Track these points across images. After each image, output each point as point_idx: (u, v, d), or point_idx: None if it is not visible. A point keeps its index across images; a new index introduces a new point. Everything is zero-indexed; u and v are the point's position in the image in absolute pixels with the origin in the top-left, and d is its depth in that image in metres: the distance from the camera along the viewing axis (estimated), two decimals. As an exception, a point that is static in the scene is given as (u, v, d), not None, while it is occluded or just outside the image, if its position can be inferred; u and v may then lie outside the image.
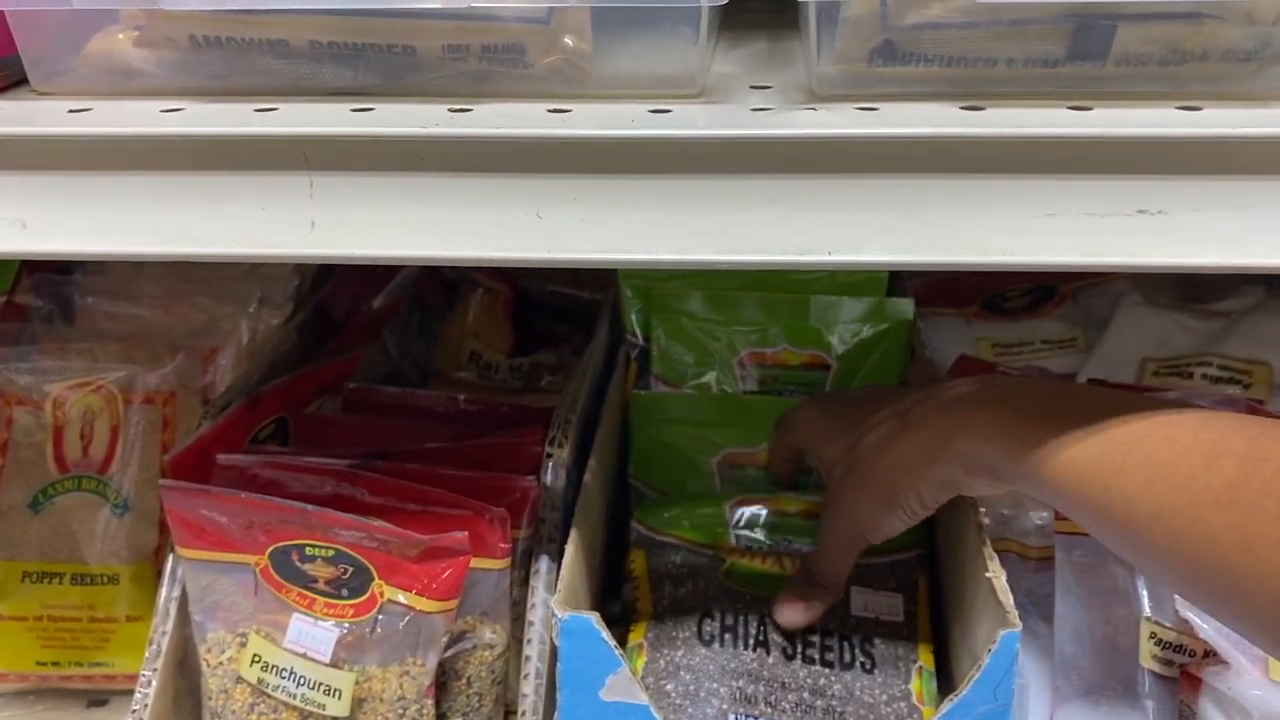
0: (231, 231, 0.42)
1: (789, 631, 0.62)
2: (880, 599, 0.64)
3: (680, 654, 0.61)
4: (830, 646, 0.62)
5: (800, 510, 0.66)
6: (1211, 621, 0.56)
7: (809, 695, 0.60)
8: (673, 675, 0.61)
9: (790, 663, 0.61)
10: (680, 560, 0.65)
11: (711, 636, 0.61)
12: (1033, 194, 0.39)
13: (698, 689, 0.60)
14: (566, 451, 0.63)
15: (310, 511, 0.56)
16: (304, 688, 0.57)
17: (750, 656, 0.61)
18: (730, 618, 0.62)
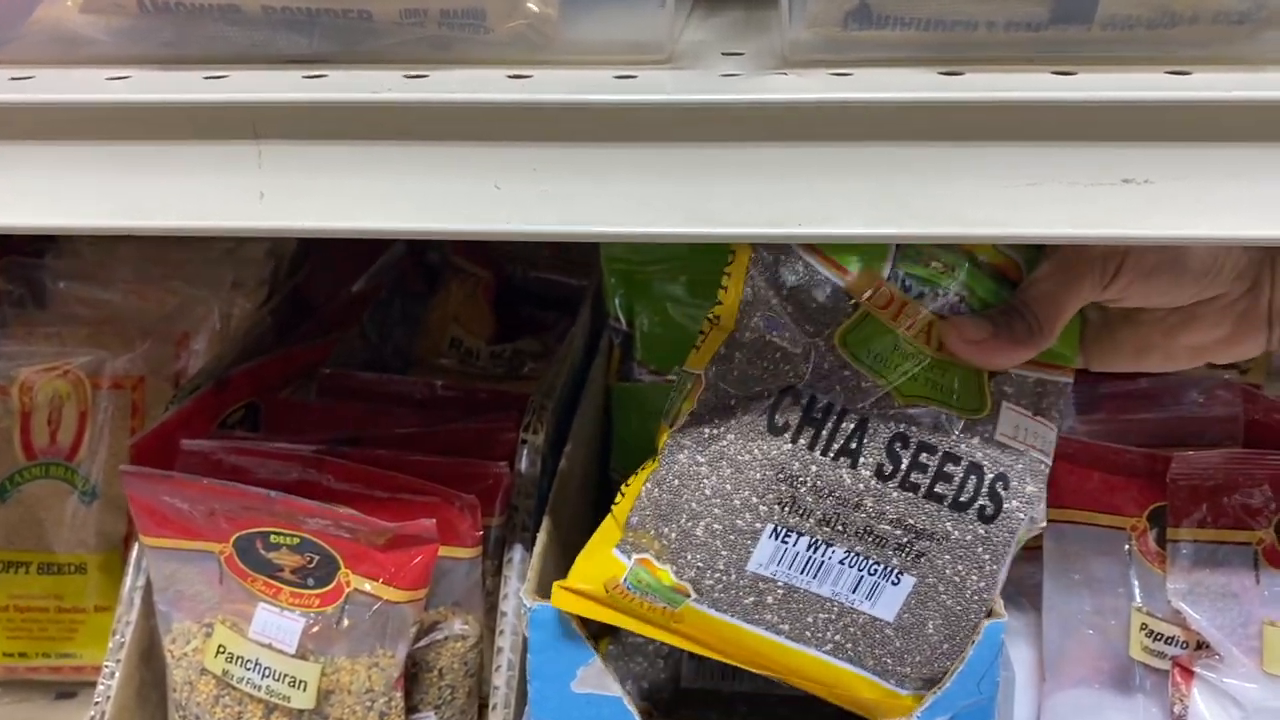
0: (178, 203, 0.40)
1: (900, 441, 0.48)
2: (1035, 427, 0.50)
3: (738, 426, 0.48)
4: (949, 476, 0.48)
5: (991, 260, 0.49)
6: (1205, 612, 0.54)
7: (888, 525, 0.48)
8: (714, 461, 0.48)
9: (883, 483, 0.48)
10: (796, 283, 0.48)
11: (787, 423, 0.48)
12: (1014, 162, 0.37)
13: (735, 490, 0.49)
14: (542, 438, 0.61)
15: (274, 498, 0.54)
16: (269, 679, 0.55)
17: (825, 460, 0.48)
18: (820, 407, 0.48)
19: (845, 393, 0.49)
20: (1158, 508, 0.55)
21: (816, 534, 0.49)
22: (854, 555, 0.49)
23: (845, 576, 0.49)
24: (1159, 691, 0.55)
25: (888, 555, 0.49)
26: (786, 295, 0.48)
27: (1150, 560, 0.55)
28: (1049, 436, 0.50)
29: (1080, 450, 0.56)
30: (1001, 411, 0.49)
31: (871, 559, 0.49)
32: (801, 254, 0.47)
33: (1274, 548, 0.54)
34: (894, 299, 0.48)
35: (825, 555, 0.49)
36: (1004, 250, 0.49)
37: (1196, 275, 0.45)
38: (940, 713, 0.50)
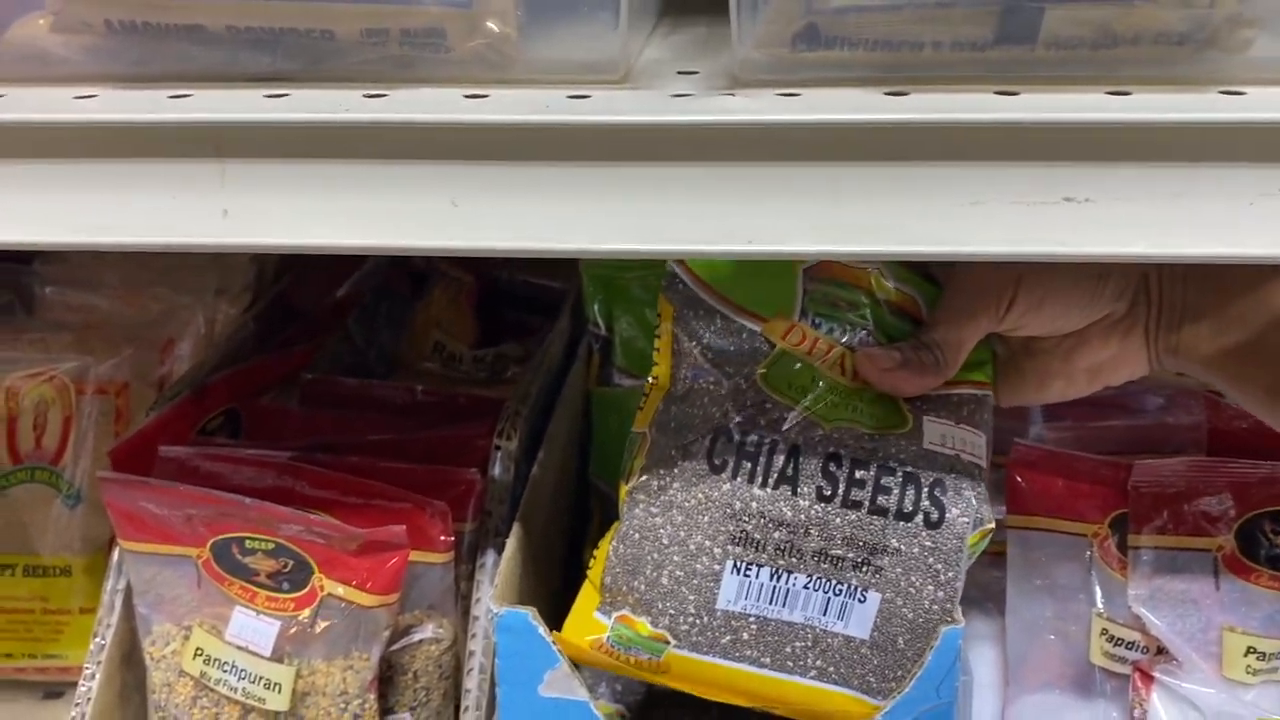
0: (143, 221, 0.41)
1: (834, 461, 0.50)
2: (962, 434, 0.51)
3: (682, 473, 0.51)
4: (887, 488, 0.49)
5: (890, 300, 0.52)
6: (1165, 618, 0.55)
7: (840, 546, 0.49)
8: (665, 510, 0.51)
9: (825, 505, 0.50)
10: (715, 335, 0.51)
11: (725, 461, 0.50)
12: (957, 182, 0.38)
13: (688, 535, 0.50)
14: (515, 444, 0.62)
15: (248, 504, 0.55)
16: (245, 681, 0.56)
17: (768, 492, 0.50)
18: (754, 442, 0.50)
19: (772, 425, 0.51)
20: (1119, 514, 0.56)
21: (776, 563, 0.50)
22: (816, 579, 0.50)
23: (813, 600, 0.50)
24: (1120, 696, 0.56)
25: (848, 575, 0.50)
26: (707, 345, 0.51)
27: (1112, 566, 0.56)
28: (978, 441, 0.51)
29: (1043, 458, 0.57)
30: (924, 424, 0.51)
31: (834, 580, 0.50)
32: (719, 307, 0.51)
33: (1234, 555, 0.55)
34: (806, 336, 0.51)
35: (789, 583, 0.50)
36: (903, 289, 0.52)
37: (1083, 299, 0.48)
38: (900, 717, 0.50)
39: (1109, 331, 0.49)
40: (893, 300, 0.52)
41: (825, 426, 0.51)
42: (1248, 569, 0.55)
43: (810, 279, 0.52)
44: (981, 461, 0.51)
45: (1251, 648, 0.54)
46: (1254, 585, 0.55)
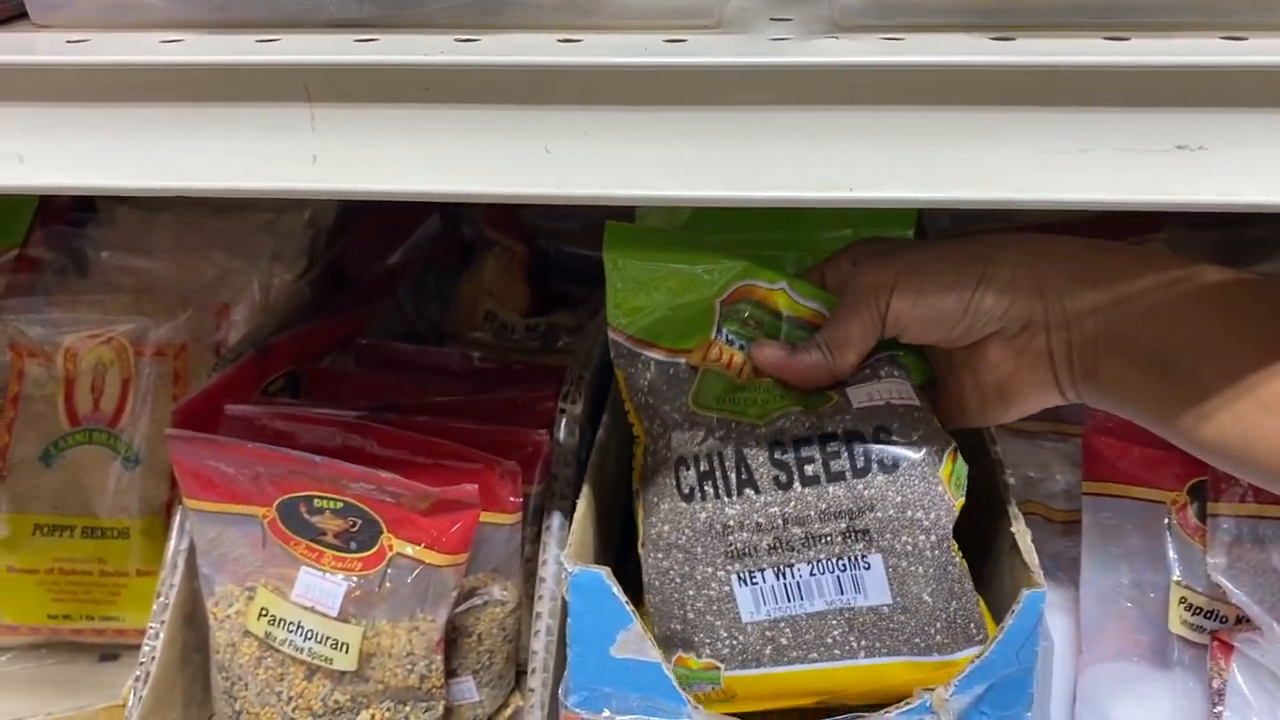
0: (231, 165, 0.40)
1: (778, 448, 0.52)
2: (886, 385, 0.53)
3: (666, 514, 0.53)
4: (834, 453, 0.51)
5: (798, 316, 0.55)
6: (1245, 587, 0.54)
7: (820, 523, 0.51)
8: (666, 552, 0.53)
9: (787, 493, 0.52)
10: (650, 380, 0.55)
11: (691, 489, 0.53)
12: (1064, 128, 0.37)
13: (692, 568, 0.53)
14: (580, 407, 0.62)
15: (318, 463, 0.55)
16: (311, 641, 0.56)
17: (734, 503, 0.52)
18: (705, 461, 0.53)
19: (716, 439, 0.53)
20: (1198, 482, 0.55)
21: (773, 563, 0.52)
22: (816, 563, 0.51)
23: (825, 584, 0.52)
24: (1197, 665, 0.55)
25: (841, 548, 0.51)
26: (649, 388, 0.55)
27: (1190, 535, 0.55)
28: (904, 388, 0.53)
29: (1120, 425, 0.56)
30: (848, 392, 0.53)
31: (831, 559, 0.51)
32: (652, 355, 0.55)
33: (1315, 523, 0.54)
34: (723, 353, 0.55)
35: (794, 577, 0.52)
36: (810, 305, 0.55)
37: (955, 306, 0.49)
38: (978, 681, 0.50)
39: (1004, 348, 0.50)
40: (801, 316, 0.55)
41: (760, 424, 0.53)
42: (1330, 538, 0.54)
43: (724, 305, 0.55)
44: (914, 402, 0.52)
45: (1334, 617, 0.53)
46: (1336, 553, 0.54)
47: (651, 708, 0.53)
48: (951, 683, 0.50)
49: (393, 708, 0.57)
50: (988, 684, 0.50)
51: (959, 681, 0.50)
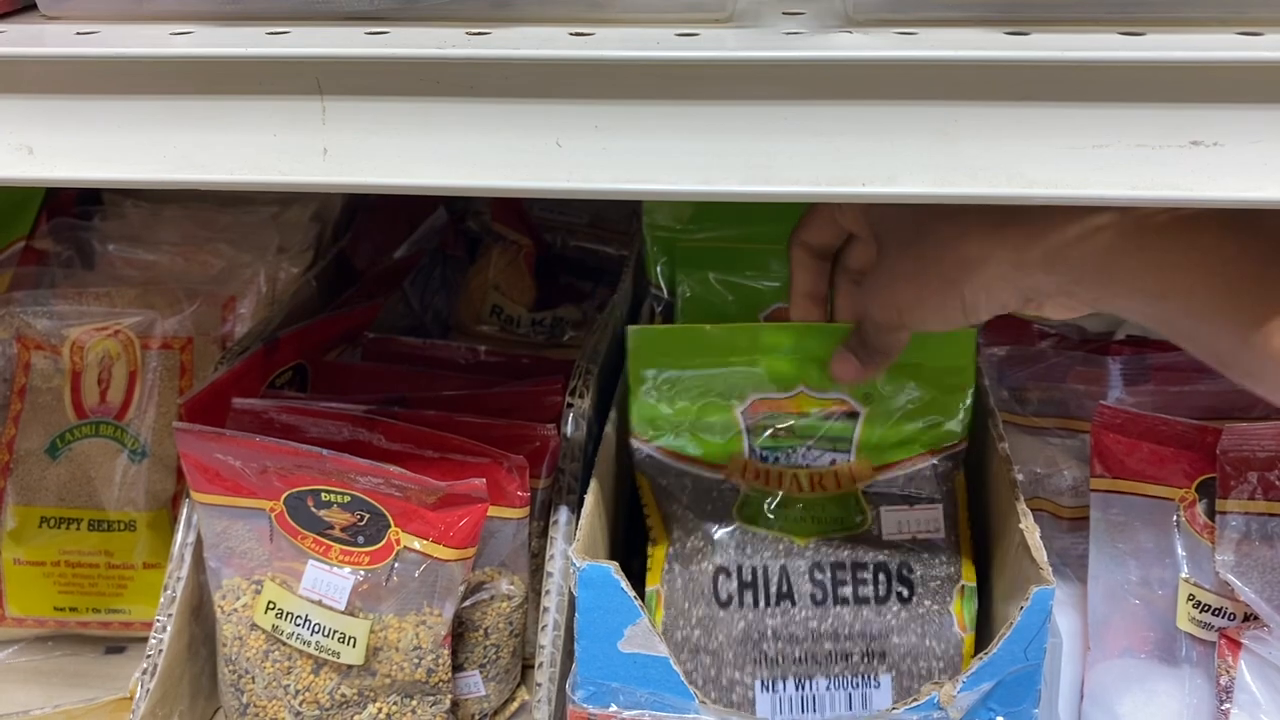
0: (241, 158, 0.40)
1: (818, 569, 0.59)
2: (917, 515, 0.60)
3: (699, 619, 0.59)
4: (863, 580, 0.59)
5: (822, 410, 0.60)
6: (1254, 585, 0.54)
7: (845, 643, 0.57)
8: (693, 654, 0.59)
9: (820, 608, 0.58)
10: (690, 491, 0.60)
11: (730, 597, 0.58)
12: (1080, 123, 0.37)
13: (719, 673, 0.58)
14: (587, 402, 0.61)
15: (326, 456, 0.55)
16: (318, 635, 0.56)
17: (774, 613, 0.58)
18: (748, 572, 0.59)
19: (760, 554, 0.59)
20: (1207, 479, 0.55)
21: (797, 673, 0.58)
22: (834, 678, 0.57)
23: (837, 700, 0.57)
24: (1205, 662, 0.55)
25: (858, 665, 0.57)
26: (687, 502, 0.60)
27: (1199, 531, 0.55)
28: (933, 515, 0.60)
29: (1129, 421, 0.56)
30: (882, 516, 0.59)
31: (848, 674, 0.58)
32: (686, 468, 0.60)
33: (1325, 520, 0.54)
34: (760, 471, 0.60)
35: (812, 689, 0.58)
36: (827, 396, 0.60)
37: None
38: (986, 678, 0.50)
39: None
40: (824, 409, 0.60)
41: (800, 543, 0.59)
42: (1340, 536, 0.54)
43: (747, 418, 0.60)
44: (939, 533, 0.59)
45: (1342, 615, 0.53)
46: (1346, 552, 0.54)
47: (660, 703, 0.53)
48: (959, 679, 0.50)
49: (400, 701, 0.57)
50: (995, 680, 0.50)
51: (967, 678, 0.50)
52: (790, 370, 0.61)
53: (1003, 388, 0.65)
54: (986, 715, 0.51)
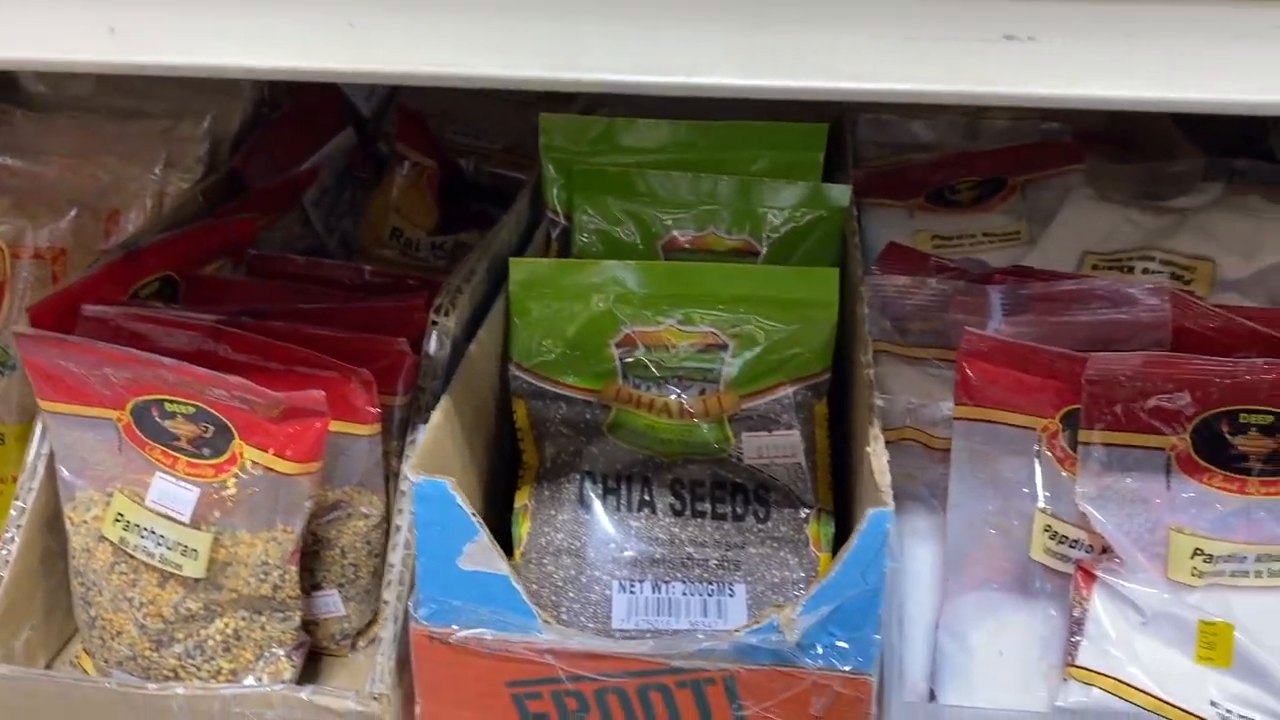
0: (21, 36, 0.38)
1: (679, 484, 0.62)
2: (775, 441, 0.61)
3: (563, 523, 0.61)
4: (722, 499, 0.61)
5: (691, 343, 0.61)
6: (1113, 517, 0.53)
7: (702, 550, 0.60)
8: (555, 556, 0.59)
9: (680, 519, 0.61)
10: (564, 413, 0.62)
11: (592, 500, 0.61)
12: (889, 15, 0.35)
13: (579, 572, 0.59)
14: (453, 320, 0.60)
15: (167, 365, 0.53)
16: (163, 548, 0.55)
17: (635, 518, 0.61)
18: (614, 480, 0.61)
19: (625, 465, 0.62)
20: (1071, 410, 0.54)
21: (655, 576, 0.59)
22: (690, 584, 0.59)
23: (692, 605, 0.59)
24: (1061, 595, 0.54)
25: (714, 574, 0.59)
26: (560, 420, 0.62)
27: (1060, 462, 0.54)
28: (790, 440, 0.61)
29: (995, 348, 0.54)
30: (744, 442, 0.61)
31: (704, 582, 0.59)
32: (561, 391, 0.61)
33: (1188, 454, 0.53)
34: (632, 396, 0.61)
35: (668, 593, 0.59)
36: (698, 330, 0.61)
37: None
38: (824, 602, 0.49)
39: None
40: (694, 342, 0.61)
41: (665, 460, 0.62)
42: (1201, 469, 0.53)
43: (621, 349, 0.61)
44: (796, 458, 0.61)
45: (1199, 549, 0.52)
46: (1206, 486, 0.53)
47: (502, 621, 0.52)
48: (799, 603, 0.49)
49: (248, 617, 0.56)
50: (834, 605, 0.49)
51: (806, 602, 0.49)
52: (663, 304, 0.62)
53: (885, 318, 0.63)
54: (827, 640, 0.50)
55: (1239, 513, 0.53)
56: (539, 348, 0.62)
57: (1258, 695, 0.51)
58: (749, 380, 0.62)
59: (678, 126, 0.75)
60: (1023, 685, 0.53)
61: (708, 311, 0.62)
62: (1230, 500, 0.53)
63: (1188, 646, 0.52)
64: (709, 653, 0.51)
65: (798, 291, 0.63)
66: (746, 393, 0.62)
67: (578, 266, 0.64)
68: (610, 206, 0.73)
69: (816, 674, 0.50)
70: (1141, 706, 0.51)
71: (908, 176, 0.81)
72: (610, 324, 0.62)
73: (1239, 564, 0.52)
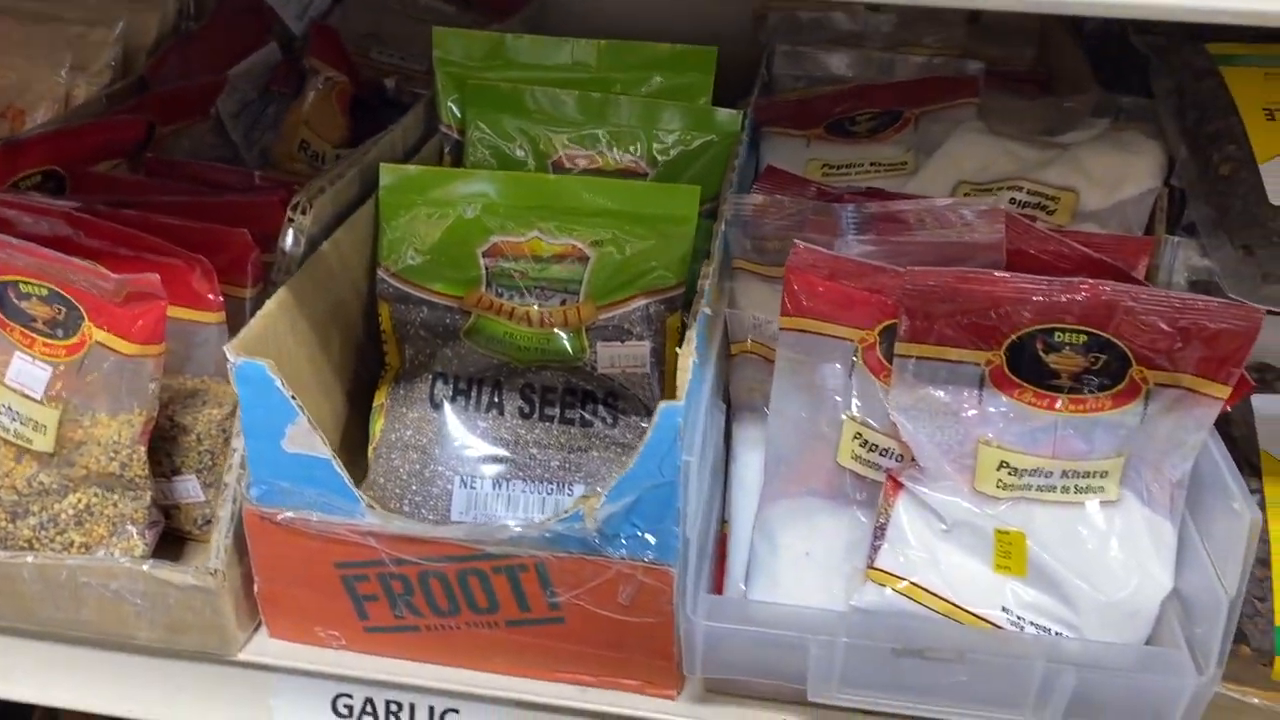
0: None
1: (529, 389, 0.63)
2: (627, 351, 0.63)
3: (413, 420, 0.63)
4: (572, 404, 0.63)
5: (555, 254, 0.63)
6: (924, 428, 0.54)
7: (545, 451, 0.62)
8: (403, 451, 0.62)
9: (527, 421, 0.63)
10: (425, 317, 0.64)
11: (442, 400, 0.63)
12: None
13: (424, 467, 0.61)
14: (310, 219, 0.61)
15: (16, 245, 0.55)
16: (16, 423, 0.58)
17: (483, 418, 0.63)
18: (465, 382, 0.63)
19: (479, 369, 0.63)
20: (891, 324, 0.55)
21: (497, 474, 0.61)
22: (530, 482, 0.61)
23: (531, 502, 0.61)
24: (872, 503, 0.55)
25: (555, 474, 0.61)
26: (420, 324, 0.63)
27: (875, 373, 0.55)
28: (640, 351, 0.63)
29: (821, 261, 0.55)
30: (598, 350, 0.62)
31: (544, 481, 0.61)
32: (424, 296, 0.63)
33: (1001, 370, 0.54)
34: (494, 304, 0.63)
35: (509, 490, 0.61)
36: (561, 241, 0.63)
37: None
38: (625, 493, 0.51)
39: None
40: (557, 253, 0.63)
41: (521, 367, 0.63)
42: (1013, 384, 0.54)
43: (487, 258, 0.63)
44: (644, 368, 0.63)
45: (1005, 462, 0.53)
46: (1017, 401, 0.54)
47: (328, 504, 0.54)
48: (603, 497, 0.51)
49: (100, 494, 0.59)
50: (635, 496, 0.51)
51: (608, 493, 0.51)
52: (530, 215, 0.64)
53: (745, 237, 0.64)
54: (631, 530, 0.52)
55: (1047, 429, 0.54)
56: (406, 253, 0.64)
57: (1050, 604, 0.53)
58: (607, 292, 0.64)
59: (571, 44, 0.76)
60: (826, 586, 0.55)
61: (572, 224, 0.64)
62: (1040, 416, 0.54)
63: (987, 555, 0.54)
64: (519, 540, 0.53)
65: (658, 207, 0.64)
66: (604, 304, 0.63)
67: (447, 175, 0.66)
68: (503, 123, 0.74)
69: (620, 563, 0.52)
70: (933, 610, 0.52)
71: (811, 107, 0.82)
72: (478, 233, 0.64)
73: (1045, 478, 0.54)
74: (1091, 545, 0.53)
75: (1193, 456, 0.53)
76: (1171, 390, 0.53)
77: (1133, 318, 0.52)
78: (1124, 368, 0.53)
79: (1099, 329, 0.53)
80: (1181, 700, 0.50)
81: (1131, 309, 0.52)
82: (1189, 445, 0.53)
